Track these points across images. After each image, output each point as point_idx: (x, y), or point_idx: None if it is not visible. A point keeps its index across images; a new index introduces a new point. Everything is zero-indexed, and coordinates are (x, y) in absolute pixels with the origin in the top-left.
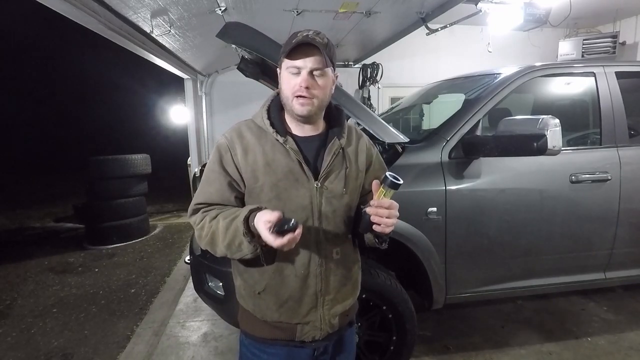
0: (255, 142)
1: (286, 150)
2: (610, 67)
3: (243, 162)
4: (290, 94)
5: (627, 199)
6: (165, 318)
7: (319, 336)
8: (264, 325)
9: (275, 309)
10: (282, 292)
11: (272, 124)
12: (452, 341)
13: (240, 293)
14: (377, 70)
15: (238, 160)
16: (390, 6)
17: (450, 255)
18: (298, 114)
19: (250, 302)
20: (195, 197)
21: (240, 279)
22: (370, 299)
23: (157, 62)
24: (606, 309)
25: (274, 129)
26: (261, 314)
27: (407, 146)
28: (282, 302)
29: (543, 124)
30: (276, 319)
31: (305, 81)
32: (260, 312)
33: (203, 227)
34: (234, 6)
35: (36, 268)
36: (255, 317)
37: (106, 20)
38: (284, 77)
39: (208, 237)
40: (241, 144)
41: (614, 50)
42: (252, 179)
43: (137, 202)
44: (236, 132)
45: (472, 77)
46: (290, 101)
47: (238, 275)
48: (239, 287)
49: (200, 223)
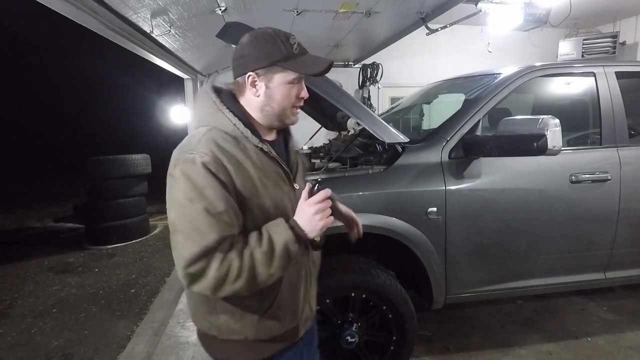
0: (239, 154)
1: (270, 157)
2: (610, 67)
3: (238, 179)
4: (289, 104)
5: (627, 199)
6: (165, 318)
7: (309, 326)
8: (267, 345)
9: (285, 317)
10: (290, 298)
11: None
12: (452, 341)
13: (231, 328)
14: (377, 70)
15: (232, 177)
16: (390, 6)
17: (450, 255)
18: (292, 123)
19: (250, 328)
20: (189, 248)
21: (230, 313)
22: (370, 299)
23: (157, 62)
24: (606, 309)
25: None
26: (266, 333)
27: (407, 146)
28: (290, 309)
29: (543, 124)
30: (286, 328)
31: (305, 92)
32: (265, 331)
33: (229, 269)
34: (234, 6)
35: (36, 268)
36: (255, 342)
37: (106, 20)
38: (285, 89)
39: (245, 276)
40: (228, 159)
41: (614, 50)
42: (251, 196)
43: (137, 202)
44: (213, 145)
45: (472, 77)
46: (288, 112)
47: (223, 313)
48: (226, 323)
49: (217, 267)
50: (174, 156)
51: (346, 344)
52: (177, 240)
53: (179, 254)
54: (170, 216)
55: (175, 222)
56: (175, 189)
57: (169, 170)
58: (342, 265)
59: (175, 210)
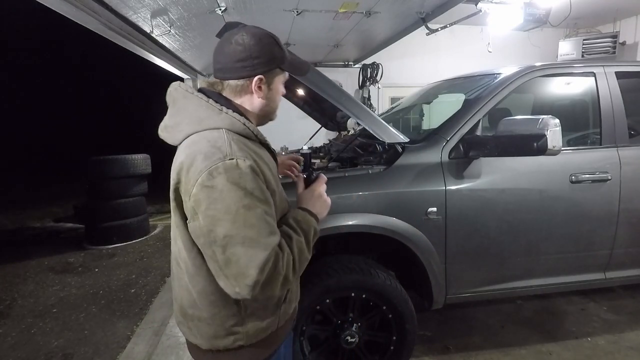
0: (259, 152)
1: (270, 152)
2: (610, 67)
3: (267, 176)
4: (279, 103)
5: (627, 199)
6: (165, 318)
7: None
8: (281, 331)
9: (293, 299)
10: (296, 283)
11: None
12: (452, 341)
13: (259, 328)
14: (377, 70)
15: (265, 174)
16: (390, 6)
17: (450, 255)
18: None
19: (274, 320)
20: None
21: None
22: (370, 299)
23: (157, 62)
24: (606, 309)
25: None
26: (283, 318)
27: (407, 146)
28: (296, 291)
29: (543, 124)
30: (291, 313)
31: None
32: (284, 317)
33: (288, 263)
34: (234, 6)
35: (36, 268)
36: (277, 331)
37: (106, 20)
38: (281, 88)
39: (298, 265)
40: (257, 159)
41: (614, 50)
42: (274, 189)
43: (137, 202)
44: (243, 145)
45: (472, 77)
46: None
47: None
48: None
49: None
50: (200, 167)
51: (346, 344)
52: (237, 253)
53: (243, 266)
54: (218, 232)
55: (232, 235)
56: (224, 200)
57: (202, 183)
58: (342, 265)
59: (228, 222)
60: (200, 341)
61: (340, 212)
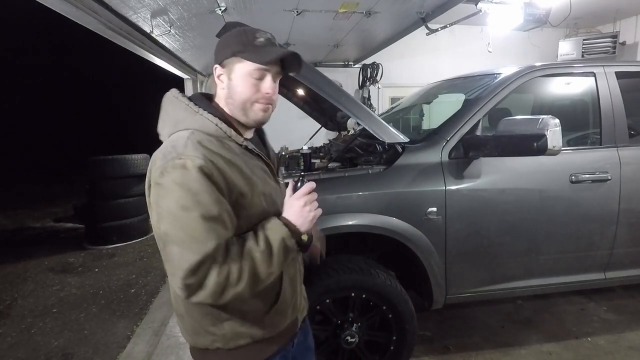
0: (227, 154)
1: (254, 154)
2: (610, 67)
3: (232, 179)
4: (248, 98)
5: (627, 199)
6: (165, 318)
7: (301, 319)
8: (271, 342)
9: (287, 311)
10: (291, 291)
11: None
12: (452, 341)
13: (237, 333)
14: (377, 70)
15: (226, 178)
16: (390, 6)
17: (450, 255)
18: (258, 120)
19: (257, 328)
20: (188, 258)
21: (235, 318)
22: (370, 299)
23: (157, 62)
24: (606, 309)
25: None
26: (271, 330)
27: (407, 146)
28: (292, 302)
29: (543, 124)
30: (288, 321)
31: (272, 88)
32: (271, 328)
33: (229, 273)
34: (234, 6)
35: (36, 268)
36: (262, 341)
37: (106, 20)
38: (244, 81)
39: (246, 278)
40: (218, 159)
41: (614, 50)
42: (246, 193)
43: (137, 202)
44: (201, 147)
45: (472, 77)
46: (249, 106)
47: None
48: (231, 329)
49: (217, 273)
50: (158, 164)
51: (346, 344)
52: (172, 252)
53: (175, 266)
54: (161, 228)
55: (169, 233)
56: (166, 198)
57: (154, 180)
58: (342, 265)
59: (167, 221)
60: (186, 337)
61: (340, 212)
